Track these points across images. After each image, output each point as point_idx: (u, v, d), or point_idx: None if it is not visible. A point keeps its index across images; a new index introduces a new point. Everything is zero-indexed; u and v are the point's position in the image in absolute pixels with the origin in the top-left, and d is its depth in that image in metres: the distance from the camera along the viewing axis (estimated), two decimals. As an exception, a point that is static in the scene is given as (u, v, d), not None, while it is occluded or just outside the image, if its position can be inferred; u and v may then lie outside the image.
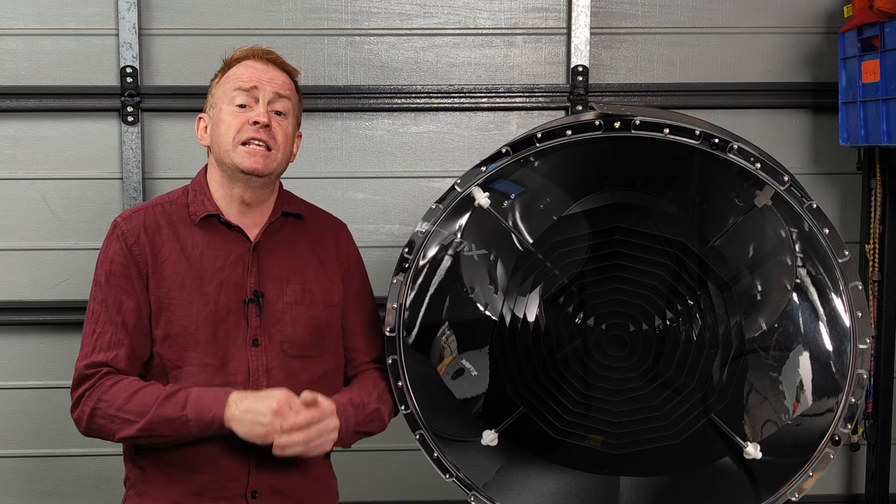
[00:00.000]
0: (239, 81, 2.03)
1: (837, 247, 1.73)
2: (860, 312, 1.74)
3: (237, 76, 2.05)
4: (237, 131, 2.00)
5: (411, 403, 1.87)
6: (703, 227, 1.81)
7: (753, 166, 1.71)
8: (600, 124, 1.73)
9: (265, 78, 2.04)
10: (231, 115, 2.01)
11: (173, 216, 2.06)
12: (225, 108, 2.03)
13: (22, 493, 3.36)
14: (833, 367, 1.78)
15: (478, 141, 3.25)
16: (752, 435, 1.82)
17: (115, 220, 2.06)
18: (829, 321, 1.78)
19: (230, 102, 2.02)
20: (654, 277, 1.82)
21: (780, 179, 1.72)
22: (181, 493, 2.00)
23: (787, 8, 3.29)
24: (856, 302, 1.74)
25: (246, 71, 2.05)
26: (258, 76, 2.04)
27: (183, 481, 2.00)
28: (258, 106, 2.01)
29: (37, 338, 3.30)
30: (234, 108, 2.01)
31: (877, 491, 3.29)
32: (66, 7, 3.19)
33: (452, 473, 1.88)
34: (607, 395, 1.86)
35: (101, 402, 1.95)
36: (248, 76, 2.03)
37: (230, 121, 2.01)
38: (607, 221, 1.83)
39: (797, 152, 3.34)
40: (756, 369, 1.83)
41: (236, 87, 2.02)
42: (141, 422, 1.90)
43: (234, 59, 2.09)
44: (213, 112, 2.08)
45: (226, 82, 2.06)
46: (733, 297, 1.80)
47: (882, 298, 3.20)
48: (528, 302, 1.87)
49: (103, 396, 1.95)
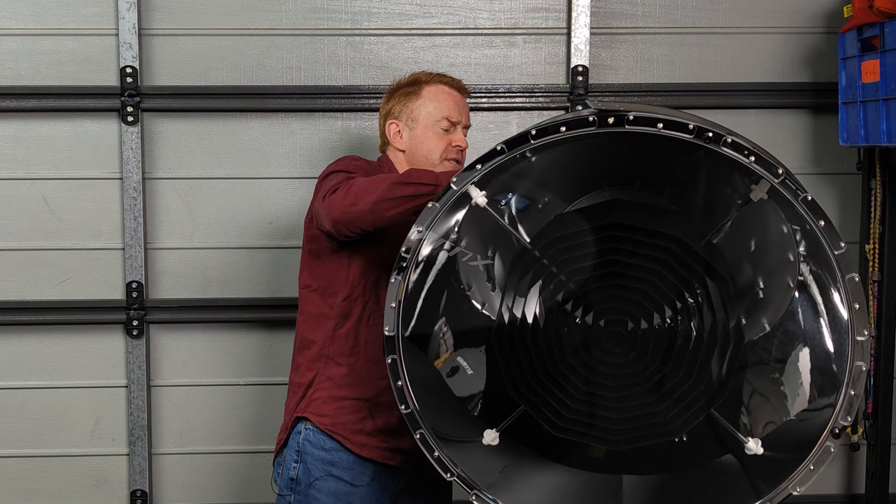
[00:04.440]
0: (448, 113, 2.43)
1: (833, 239, 1.73)
2: (857, 304, 1.74)
3: (446, 107, 2.43)
4: (444, 151, 2.42)
5: (411, 403, 1.87)
6: (701, 222, 1.81)
7: (748, 159, 1.71)
8: (594, 120, 1.74)
9: (462, 107, 2.48)
10: (438, 136, 2.42)
11: (372, 174, 2.35)
12: (433, 128, 2.43)
13: (22, 493, 3.36)
14: (833, 362, 1.78)
15: (478, 141, 3.24)
16: (753, 431, 1.82)
17: (348, 155, 2.46)
18: (828, 316, 1.78)
19: (436, 125, 2.42)
20: (653, 273, 1.81)
21: (775, 172, 1.72)
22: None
23: (787, 8, 3.29)
24: (853, 294, 1.74)
25: (452, 102, 2.45)
26: (459, 107, 2.46)
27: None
28: (457, 130, 2.45)
29: (37, 338, 3.31)
30: (440, 131, 2.42)
31: (877, 491, 3.29)
32: (66, 7, 3.19)
33: (454, 472, 1.88)
34: (608, 392, 1.86)
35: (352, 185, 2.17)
36: (454, 108, 2.44)
37: (438, 141, 2.42)
38: (605, 219, 1.83)
39: (797, 152, 3.34)
40: (756, 368, 1.82)
41: (445, 117, 2.42)
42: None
43: (430, 81, 2.47)
44: (411, 125, 2.44)
45: (427, 104, 2.43)
46: (732, 294, 1.80)
47: (882, 298, 3.20)
48: (526, 300, 1.87)
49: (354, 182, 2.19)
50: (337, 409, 2.34)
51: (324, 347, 2.36)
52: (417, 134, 2.43)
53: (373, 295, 2.33)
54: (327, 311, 2.35)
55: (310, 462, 2.33)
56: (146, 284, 3.26)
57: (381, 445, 2.34)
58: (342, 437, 2.33)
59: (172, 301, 3.30)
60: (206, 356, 3.34)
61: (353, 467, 2.33)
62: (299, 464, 2.34)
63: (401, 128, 2.44)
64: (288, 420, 2.41)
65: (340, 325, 2.34)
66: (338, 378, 2.35)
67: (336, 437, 2.33)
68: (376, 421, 2.34)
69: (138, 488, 3.34)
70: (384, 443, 2.34)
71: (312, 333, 2.38)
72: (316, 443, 2.34)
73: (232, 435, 3.37)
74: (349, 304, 2.34)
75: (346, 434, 2.33)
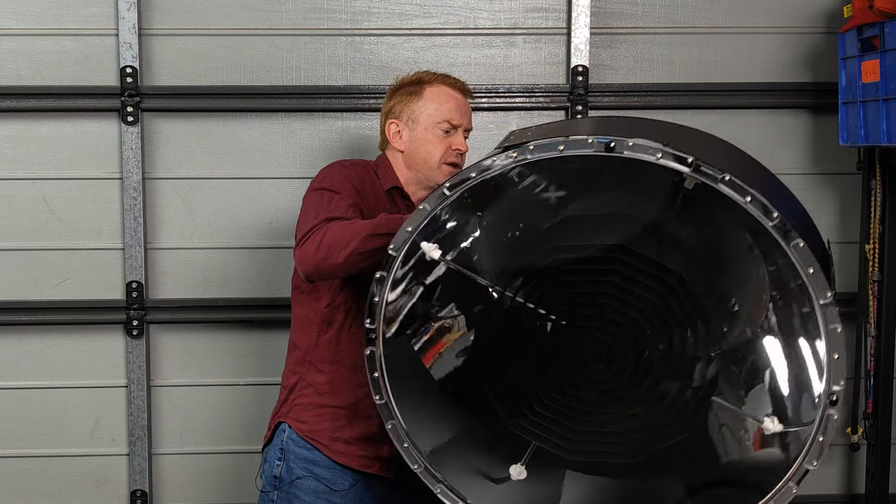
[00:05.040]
0: (449, 116, 2.39)
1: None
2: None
3: (448, 110, 2.39)
4: (443, 153, 2.39)
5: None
6: (657, 251, 1.75)
7: (685, 179, 1.64)
8: (495, 163, 1.73)
9: (465, 110, 2.43)
10: (438, 139, 2.39)
11: (366, 178, 2.38)
12: (433, 130, 2.39)
13: (22, 493, 3.36)
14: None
15: (478, 141, 3.24)
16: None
17: (339, 161, 2.42)
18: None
19: (437, 127, 2.39)
20: (605, 297, 1.77)
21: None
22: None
23: (787, 8, 3.29)
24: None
25: (454, 104, 2.41)
26: (461, 110, 2.42)
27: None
28: (458, 133, 2.41)
29: (37, 338, 3.30)
30: (440, 133, 2.39)
31: (877, 491, 3.29)
32: (66, 7, 3.19)
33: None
34: (602, 409, 1.82)
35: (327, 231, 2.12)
36: (455, 111, 2.40)
37: (437, 143, 2.39)
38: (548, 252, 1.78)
39: (797, 152, 3.34)
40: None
41: (446, 119, 2.38)
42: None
43: (434, 81, 2.43)
44: (411, 125, 2.40)
45: (429, 105, 2.39)
46: (710, 333, 1.74)
47: (882, 298, 3.20)
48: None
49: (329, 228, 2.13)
50: (316, 416, 2.35)
51: (307, 353, 2.37)
52: (417, 135, 2.41)
53: (355, 304, 2.31)
54: (312, 316, 2.36)
55: (292, 461, 2.34)
56: (146, 284, 3.26)
57: (360, 453, 2.34)
58: (320, 443, 2.33)
59: (172, 301, 3.30)
60: (205, 356, 3.34)
61: (333, 470, 2.33)
62: (282, 462, 2.35)
63: (401, 128, 2.42)
64: (272, 420, 2.43)
65: (324, 332, 2.34)
66: (319, 385, 2.35)
67: (314, 443, 2.33)
68: (355, 429, 2.33)
69: (138, 488, 3.34)
70: (363, 451, 2.34)
71: (299, 337, 2.40)
72: (298, 442, 2.35)
73: (232, 435, 3.37)
74: (332, 312, 2.33)
75: (324, 441, 2.33)
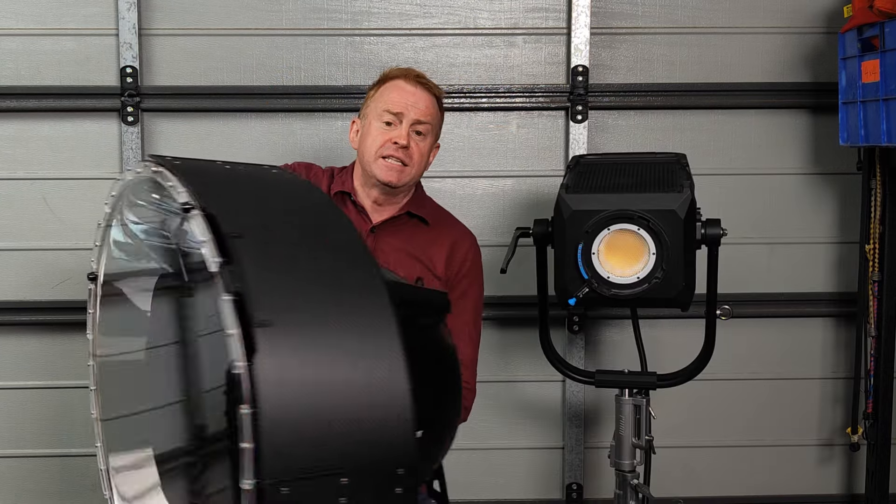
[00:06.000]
0: (389, 104, 2.32)
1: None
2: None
3: (390, 99, 2.33)
4: (380, 146, 2.32)
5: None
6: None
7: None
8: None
9: (411, 101, 2.33)
10: (378, 131, 2.33)
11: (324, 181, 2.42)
12: (374, 123, 2.34)
13: (22, 493, 3.36)
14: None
15: (478, 141, 3.25)
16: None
17: (298, 163, 2.49)
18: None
19: (379, 119, 2.33)
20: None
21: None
22: None
23: (787, 8, 3.29)
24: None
25: (398, 94, 2.33)
26: (406, 101, 2.33)
27: None
28: (401, 127, 2.32)
29: (37, 338, 3.30)
30: (381, 124, 2.33)
31: (877, 491, 3.29)
32: (66, 7, 3.19)
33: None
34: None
35: None
36: (399, 101, 2.32)
37: (376, 135, 2.33)
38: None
39: (797, 152, 3.34)
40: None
41: (386, 109, 2.32)
42: None
43: (390, 76, 2.38)
44: (364, 122, 2.39)
45: (379, 98, 2.35)
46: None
47: (882, 298, 3.20)
48: None
49: None
50: None
51: None
52: (363, 130, 2.39)
53: None
54: None
55: None
56: (146, 284, 3.26)
57: None
58: None
59: (172, 301, 3.29)
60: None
61: None
62: None
63: (359, 127, 2.42)
64: None
65: None
66: None
67: None
68: None
69: (138, 488, 3.34)
70: None
71: None
72: None
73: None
74: None
75: None
